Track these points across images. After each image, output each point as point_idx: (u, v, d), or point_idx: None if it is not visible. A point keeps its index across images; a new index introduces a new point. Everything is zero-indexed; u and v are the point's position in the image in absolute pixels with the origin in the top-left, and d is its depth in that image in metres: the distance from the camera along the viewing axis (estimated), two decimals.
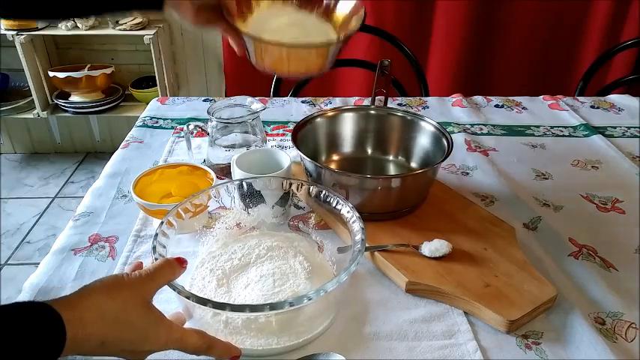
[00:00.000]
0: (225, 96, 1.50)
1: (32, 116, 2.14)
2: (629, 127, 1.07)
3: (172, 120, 1.08)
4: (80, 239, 0.72)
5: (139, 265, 0.52)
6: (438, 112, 1.13)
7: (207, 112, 0.81)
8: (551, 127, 1.07)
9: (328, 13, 0.68)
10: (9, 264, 1.81)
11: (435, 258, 0.64)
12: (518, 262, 0.64)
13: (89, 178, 2.31)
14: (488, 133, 1.04)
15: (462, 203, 0.76)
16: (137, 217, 0.76)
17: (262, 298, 0.57)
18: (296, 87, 1.36)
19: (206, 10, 0.63)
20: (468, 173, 0.89)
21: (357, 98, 1.20)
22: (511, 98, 1.20)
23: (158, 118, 1.09)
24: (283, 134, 1.02)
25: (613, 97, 1.21)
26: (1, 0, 0.60)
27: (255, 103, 0.84)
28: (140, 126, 1.06)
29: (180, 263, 0.50)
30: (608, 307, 0.60)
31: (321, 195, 0.64)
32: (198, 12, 0.63)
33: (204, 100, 1.18)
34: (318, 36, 0.66)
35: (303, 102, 1.17)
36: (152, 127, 1.06)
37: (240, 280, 0.60)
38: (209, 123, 0.83)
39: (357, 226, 0.58)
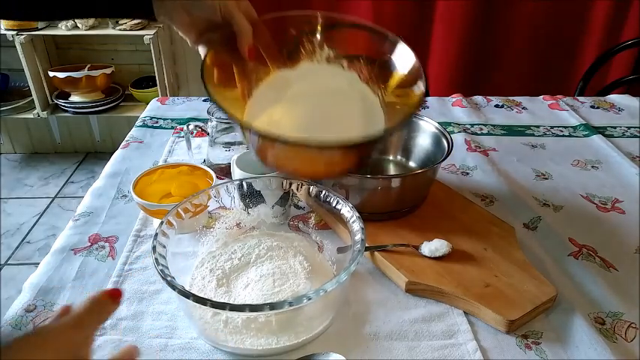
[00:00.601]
0: None
1: (32, 116, 2.14)
2: (629, 127, 1.07)
3: (172, 120, 1.08)
4: (80, 239, 0.72)
5: (66, 310, 0.40)
6: (438, 112, 1.13)
7: (207, 112, 0.81)
8: (551, 127, 1.07)
9: (379, 73, 0.54)
10: (9, 264, 1.81)
11: (435, 258, 0.64)
12: (518, 262, 0.64)
13: (89, 178, 2.31)
14: (488, 133, 1.04)
15: (462, 203, 0.76)
16: (137, 217, 0.76)
17: (262, 298, 0.57)
18: None
19: (211, 34, 0.55)
20: (468, 173, 0.89)
21: None
22: (511, 98, 1.20)
23: (158, 118, 1.09)
24: None
25: (613, 97, 1.21)
26: None
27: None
28: (140, 126, 1.06)
29: (113, 298, 0.40)
30: (608, 307, 0.60)
31: (321, 195, 0.64)
32: (201, 34, 0.56)
33: (204, 100, 1.18)
34: (357, 113, 0.50)
35: None
36: (152, 127, 1.06)
37: (240, 279, 0.60)
38: (209, 123, 0.83)
39: (356, 226, 0.58)
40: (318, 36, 0.56)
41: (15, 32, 1.93)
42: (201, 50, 0.56)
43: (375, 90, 0.55)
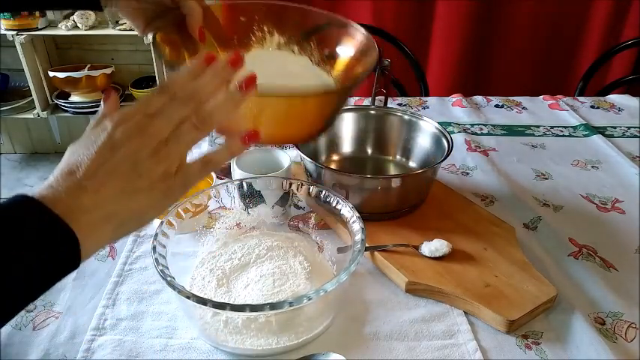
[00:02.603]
0: None
1: (32, 116, 2.14)
2: (629, 127, 1.07)
3: None
4: None
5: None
6: (438, 112, 1.13)
7: None
8: (551, 127, 1.07)
9: (332, 59, 0.56)
10: None
11: (435, 258, 0.64)
12: (518, 262, 0.64)
13: None
14: (488, 133, 1.04)
15: (462, 203, 0.76)
16: None
17: (262, 298, 0.57)
18: None
19: (160, 21, 0.55)
20: (468, 173, 0.89)
21: (357, 98, 1.20)
22: (511, 98, 1.20)
23: None
24: None
25: (613, 97, 1.21)
26: None
27: None
28: None
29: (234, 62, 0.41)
30: (608, 307, 0.60)
31: (321, 195, 0.64)
32: (149, 21, 0.55)
33: None
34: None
35: None
36: None
37: (240, 280, 0.60)
38: None
39: (357, 226, 0.58)
40: (268, 23, 0.57)
41: (15, 32, 1.93)
42: (150, 38, 0.56)
43: (329, 71, 0.56)
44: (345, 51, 0.56)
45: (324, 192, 0.64)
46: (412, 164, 0.84)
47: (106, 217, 0.37)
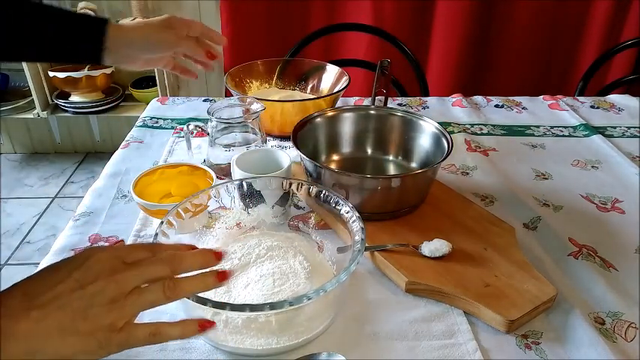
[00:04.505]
0: (225, 96, 1.50)
1: (32, 116, 2.14)
2: (629, 127, 1.07)
3: (172, 120, 1.08)
4: (80, 239, 0.72)
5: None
6: (438, 112, 1.13)
7: (207, 112, 0.81)
8: (551, 127, 1.07)
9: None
10: (9, 264, 1.81)
11: (435, 258, 0.64)
12: (518, 262, 0.64)
13: (89, 178, 2.31)
14: (488, 133, 1.04)
15: (462, 203, 0.76)
16: (137, 217, 0.76)
17: (262, 298, 0.57)
18: None
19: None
20: (468, 173, 0.89)
21: (357, 98, 1.20)
22: (511, 98, 1.20)
23: (158, 118, 1.09)
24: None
25: (613, 97, 1.21)
26: None
27: (255, 103, 0.84)
28: (140, 126, 1.06)
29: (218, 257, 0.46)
30: (608, 307, 0.60)
31: (321, 195, 0.64)
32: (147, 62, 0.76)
33: (204, 100, 1.18)
34: None
35: None
36: (152, 127, 1.06)
37: (240, 279, 0.60)
38: (209, 123, 0.83)
39: (356, 226, 0.58)
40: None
41: None
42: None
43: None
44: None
45: (324, 192, 0.64)
46: (412, 164, 0.84)
47: (29, 352, 0.36)
